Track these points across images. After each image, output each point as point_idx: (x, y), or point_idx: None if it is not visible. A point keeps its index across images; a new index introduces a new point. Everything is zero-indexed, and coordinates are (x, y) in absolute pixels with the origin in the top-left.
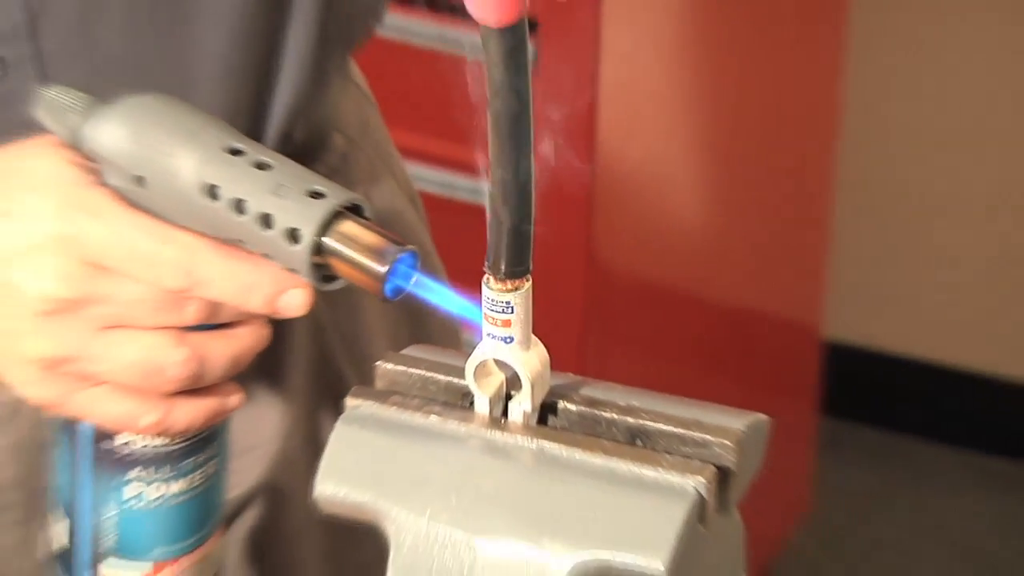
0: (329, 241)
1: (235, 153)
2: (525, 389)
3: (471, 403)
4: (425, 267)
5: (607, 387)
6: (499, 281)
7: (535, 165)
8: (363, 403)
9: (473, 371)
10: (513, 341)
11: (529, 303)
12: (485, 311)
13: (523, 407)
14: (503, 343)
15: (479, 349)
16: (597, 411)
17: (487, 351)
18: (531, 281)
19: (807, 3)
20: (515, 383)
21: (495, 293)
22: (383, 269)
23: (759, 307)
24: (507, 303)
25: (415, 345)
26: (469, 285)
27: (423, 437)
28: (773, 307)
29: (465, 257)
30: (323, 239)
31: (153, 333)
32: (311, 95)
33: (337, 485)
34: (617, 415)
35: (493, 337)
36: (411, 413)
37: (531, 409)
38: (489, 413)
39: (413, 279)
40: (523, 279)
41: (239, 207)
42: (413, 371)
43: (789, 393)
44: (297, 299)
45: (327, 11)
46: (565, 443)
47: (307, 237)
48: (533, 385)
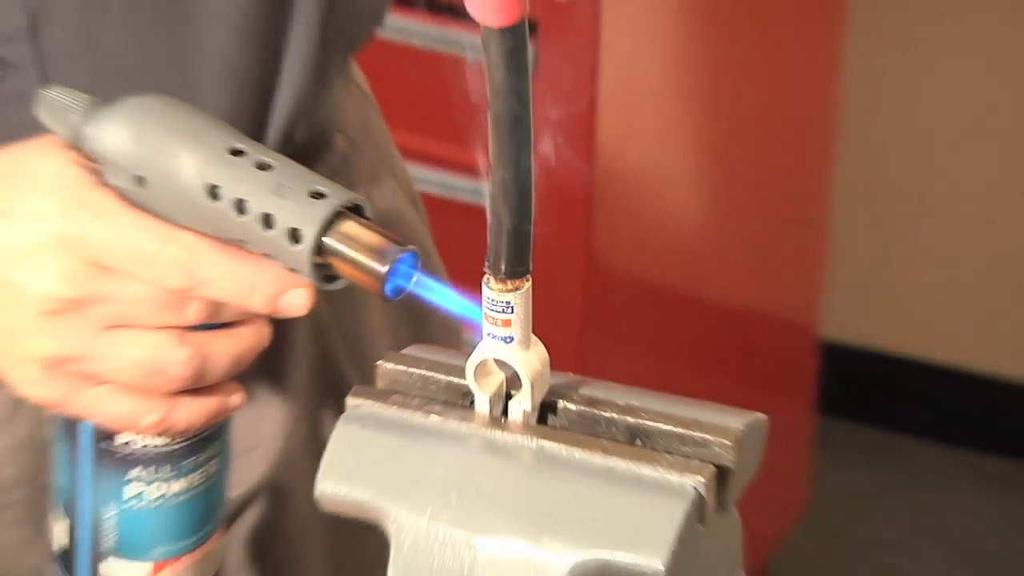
0: (330, 241)
1: (236, 154)
2: (525, 388)
3: (471, 402)
4: (426, 267)
5: (606, 386)
6: (499, 281)
7: (535, 166)
8: (364, 402)
9: (473, 370)
10: (513, 341)
11: (529, 303)
12: (485, 311)
13: (523, 406)
14: (503, 343)
15: (479, 349)
16: (596, 410)
17: (487, 351)
18: (531, 281)
19: (805, 4)
20: (515, 382)
21: (495, 293)
22: (384, 269)
23: (757, 307)
24: (507, 303)
25: (415, 345)
26: (469, 285)
27: (424, 436)
28: (771, 307)
29: (465, 257)
30: (324, 239)
31: (155, 333)
32: (313, 96)
33: (338, 484)
34: (616, 414)
35: (493, 337)
36: (412, 412)
37: (531, 408)
38: (489, 412)
39: (414, 279)
40: (523, 279)
41: (241, 207)
42: (414, 371)
43: (787, 392)
44: (298, 299)
45: (329, 13)
46: (565, 442)
47: (308, 237)
48: (533, 384)
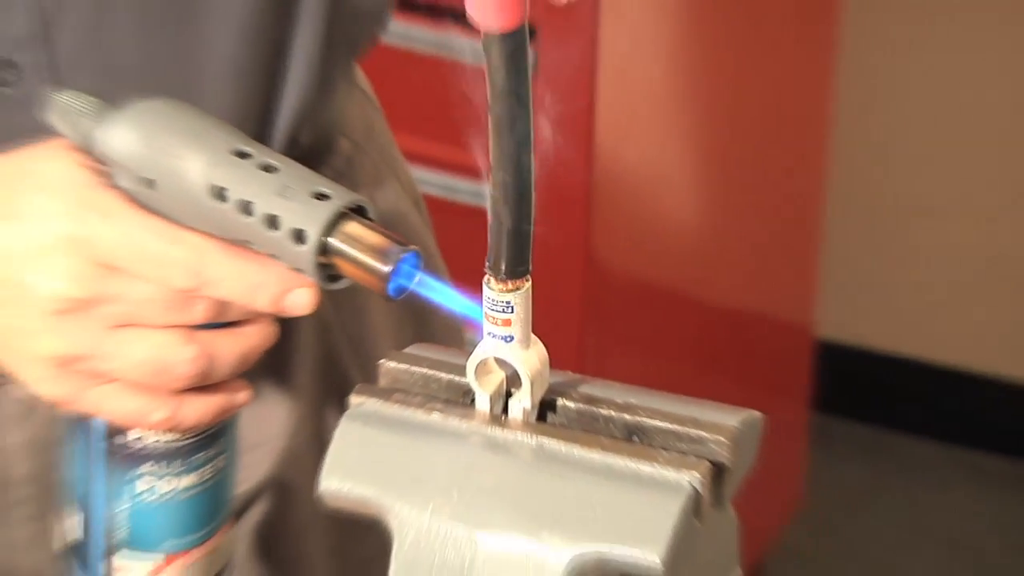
0: (334, 241)
1: (242, 156)
2: (525, 387)
3: (472, 400)
4: (428, 268)
5: (605, 385)
6: (499, 281)
7: (535, 167)
8: (367, 400)
9: (474, 369)
10: (513, 340)
11: (529, 303)
12: (486, 311)
13: (523, 404)
14: (503, 342)
15: (480, 348)
16: (595, 408)
17: (488, 350)
18: (531, 281)
19: (800, 6)
20: (515, 381)
21: (495, 293)
22: (387, 269)
23: (754, 306)
24: (507, 303)
25: (417, 344)
26: (470, 285)
27: (425, 434)
28: (767, 306)
29: (466, 258)
30: (328, 239)
31: (163, 332)
32: (317, 100)
33: (341, 480)
34: (615, 412)
35: (493, 336)
36: (413, 410)
37: (531, 406)
38: (490, 410)
39: (416, 279)
40: (523, 279)
41: (246, 208)
42: (415, 369)
43: (783, 391)
44: (303, 298)
45: (333, 17)
46: (564, 439)
47: (312, 237)
48: (533, 383)
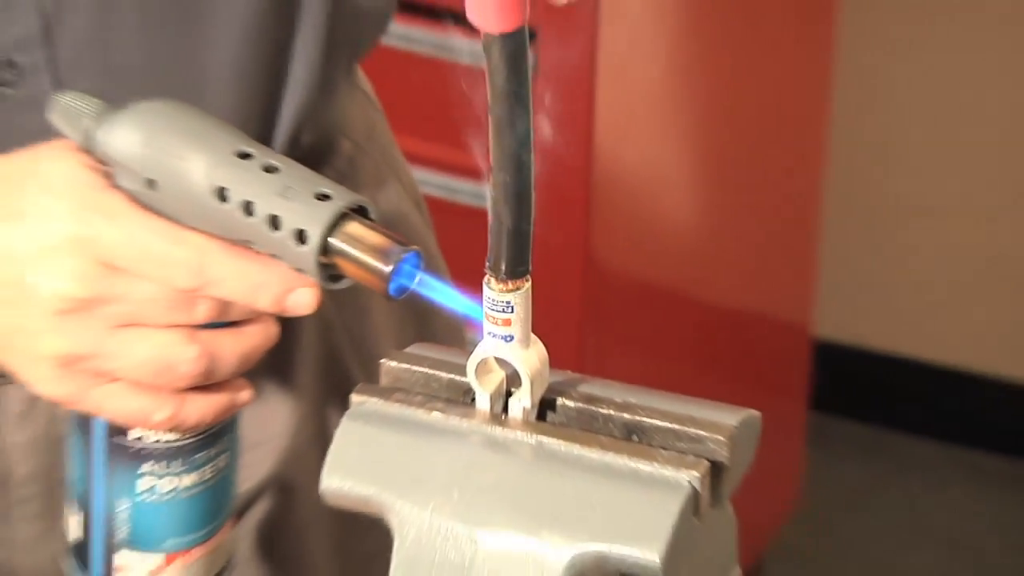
0: (335, 242)
1: (244, 157)
2: (525, 386)
3: (472, 400)
4: (430, 268)
5: (604, 384)
6: (500, 281)
7: (534, 168)
8: (368, 399)
9: (474, 368)
10: (513, 339)
11: (528, 303)
12: (486, 310)
13: (523, 403)
14: (503, 341)
15: (480, 347)
16: (594, 407)
17: (488, 349)
18: (530, 281)
19: (797, 7)
20: (515, 380)
21: (496, 293)
22: (388, 268)
23: (751, 306)
24: (507, 303)
25: (418, 343)
26: (471, 286)
27: (426, 432)
28: (765, 306)
29: (467, 258)
30: (330, 240)
31: (165, 331)
32: (319, 101)
33: (343, 479)
34: (614, 411)
35: (494, 336)
36: (414, 409)
37: (530, 405)
38: (490, 409)
39: (417, 278)
40: (523, 279)
41: (248, 209)
42: (416, 368)
43: (780, 390)
44: (305, 298)
45: (334, 19)
46: (563, 438)
47: (314, 238)
48: (532, 382)
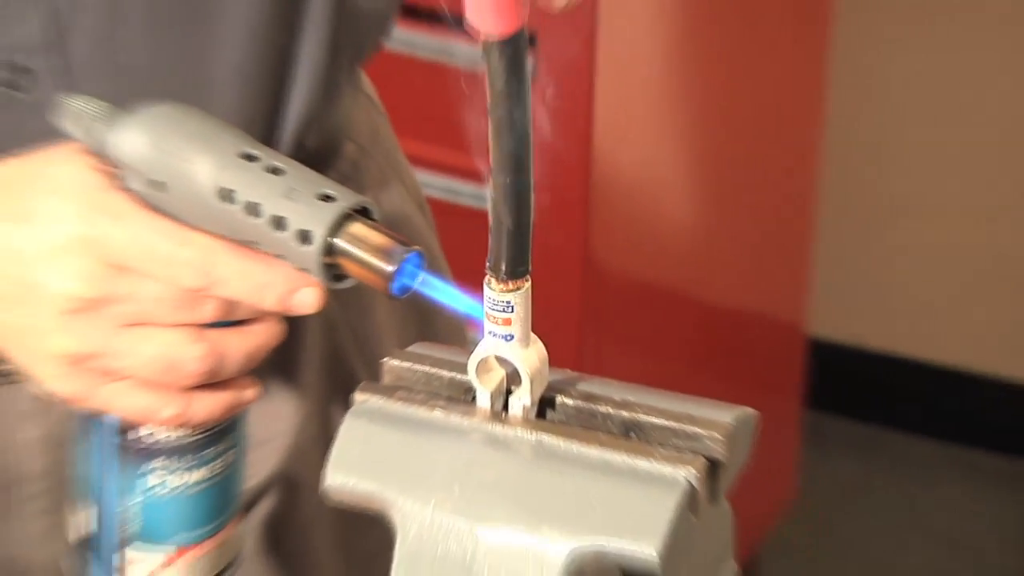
0: (339, 242)
1: (249, 159)
2: (524, 384)
3: (473, 398)
4: (432, 269)
5: (603, 383)
6: (500, 281)
7: (534, 170)
8: (371, 398)
9: (475, 367)
10: (513, 339)
11: (528, 302)
12: (486, 310)
13: (523, 401)
14: (504, 340)
15: (481, 346)
16: (593, 405)
17: (488, 348)
18: (530, 281)
19: (792, 9)
20: (515, 379)
21: (496, 293)
22: (390, 268)
23: (747, 306)
24: (507, 302)
25: (420, 343)
26: (472, 286)
27: (427, 430)
28: (760, 306)
29: (468, 259)
30: (333, 240)
31: (172, 330)
32: (323, 104)
33: (346, 476)
34: (612, 409)
35: (494, 335)
36: (416, 407)
37: (530, 403)
38: (490, 407)
39: (419, 278)
40: (523, 279)
41: (253, 210)
42: (418, 367)
43: (776, 388)
44: (309, 297)
45: (338, 23)
46: (563, 436)
47: (318, 238)
48: (532, 380)
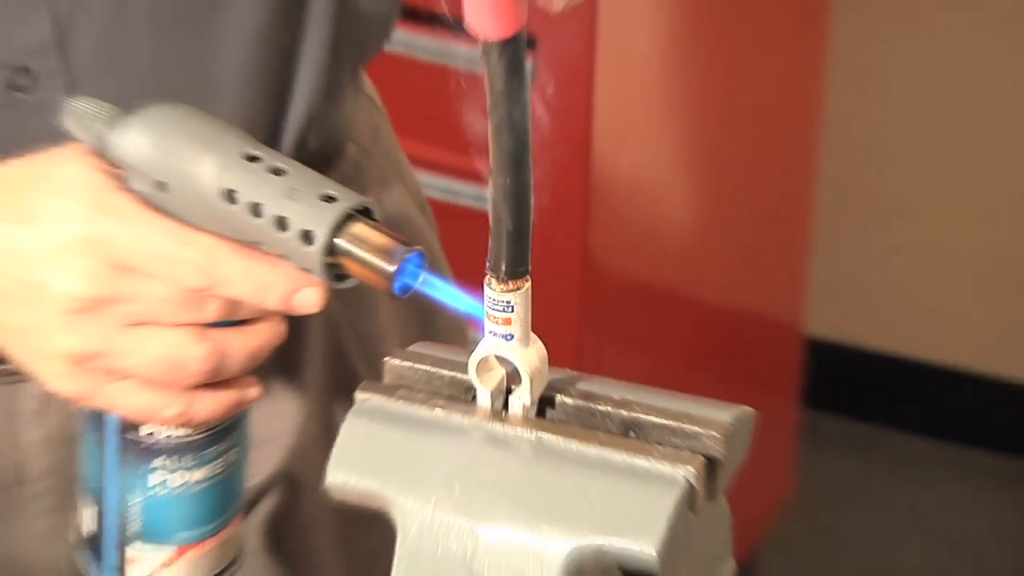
0: (341, 242)
1: (252, 160)
2: (524, 383)
3: (474, 397)
4: (433, 269)
5: (602, 382)
6: (500, 282)
7: (533, 171)
8: (372, 397)
9: (475, 366)
10: (513, 338)
11: (528, 302)
12: (487, 310)
13: (523, 400)
14: (504, 340)
15: (481, 346)
16: (593, 404)
17: (489, 347)
18: (530, 281)
19: (790, 9)
20: (515, 378)
21: (496, 293)
22: (392, 268)
23: (745, 306)
24: (507, 302)
25: (421, 342)
26: (472, 286)
27: (428, 429)
28: (758, 306)
29: (469, 259)
30: (335, 240)
31: (175, 330)
32: (325, 105)
33: (347, 474)
34: (611, 408)
35: (494, 334)
36: (417, 406)
37: (530, 402)
38: (491, 406)
39: (420, 278)
40: (523, 280)
41: (256, 210)
42: (419, 367)
43: (773, 387)
44: (311, 297)
45: (340, 26)
46: (562, 434)
47: (320, 238)
48: (532, 380)
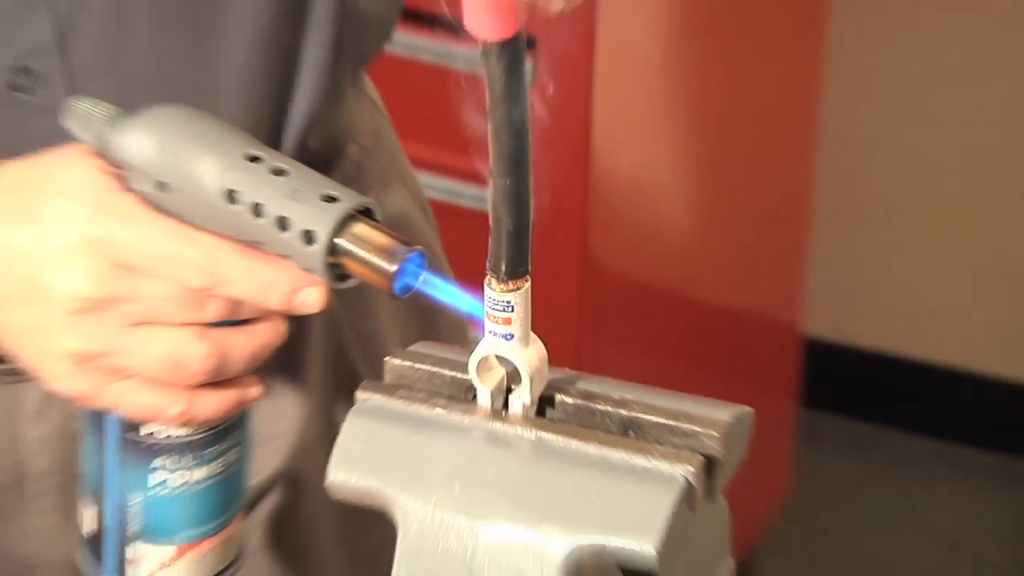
0: (342, 242)
1: (254, 160)
2: (524, 383)
3: (474, 396)
4: (433, 269)
5: (601, 381)
6: (500, 282)
7: (533, 172)
8: (373, 396)
9: (475, 366)
10: (513, 338)
11: (528, 302)
12: (487, 310)
13: (522, 400)
14: (504, 340)
15: (481, 345)
16: (592, 404)
17: (489, 347)
18: (530, 282)
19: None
20: (515, 377)
21: (496, 293)
22: (393, 268)
23: (743, 306)
24: (507, 302)
25: (421, 342)
26: (473, 286)
27: (429, 428)
28: (756, 306)
29: (469, 260)
30: (337, 240)
31: (178, 329)
32: (327, 106)
33: (348, 473)
34: (611, 407)
35: (494, 334)
36: (418, 406)
37: (530, 402)
38: (491, 406)
39: (421, 278)
40: (522, 280)
41: (258, 211)
42: (420, 366)
43: (771, 386)
44: (313, 296)
45: (342, 28)
46: (562, 434)
47: (322, 238)
48: (532, 379)
